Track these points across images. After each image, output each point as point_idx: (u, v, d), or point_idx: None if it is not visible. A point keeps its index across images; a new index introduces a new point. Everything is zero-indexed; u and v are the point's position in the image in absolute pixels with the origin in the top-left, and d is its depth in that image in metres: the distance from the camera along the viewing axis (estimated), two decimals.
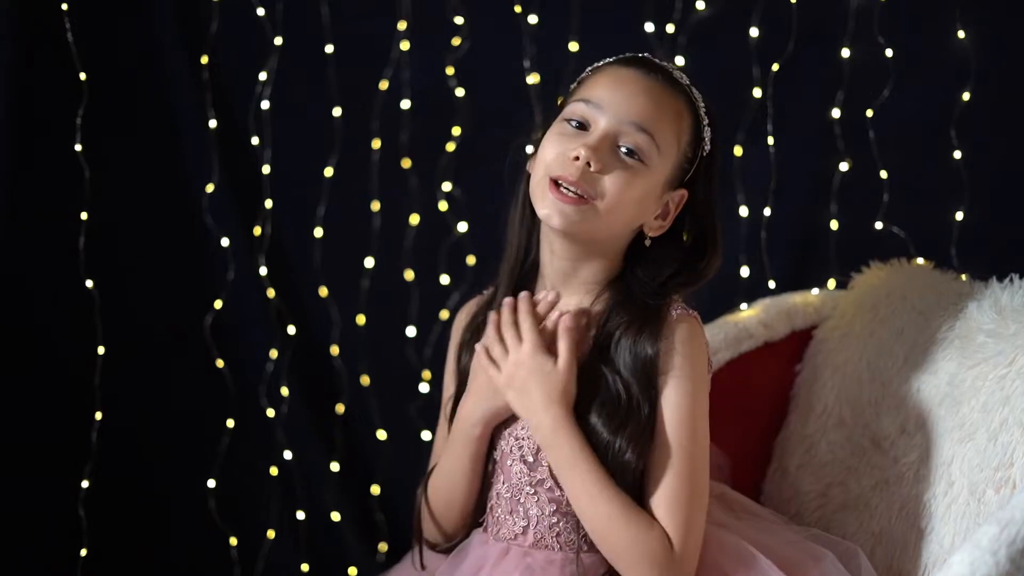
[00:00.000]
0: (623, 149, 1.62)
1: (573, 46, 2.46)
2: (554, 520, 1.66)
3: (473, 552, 1.70)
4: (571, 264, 1.69)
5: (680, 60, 2.42)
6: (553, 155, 1.63)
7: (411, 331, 2.59)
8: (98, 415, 2.30)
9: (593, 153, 1.60)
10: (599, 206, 1.62)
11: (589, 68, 1.71)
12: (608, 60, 1.70)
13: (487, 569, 1.66)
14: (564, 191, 1.61)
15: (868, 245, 2.23)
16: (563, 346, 1.64)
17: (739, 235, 2.46)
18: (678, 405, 1.61)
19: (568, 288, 1.70)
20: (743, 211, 2.46)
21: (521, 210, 1.73)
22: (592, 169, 1.61)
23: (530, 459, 1.67)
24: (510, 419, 1.69)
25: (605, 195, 1.61)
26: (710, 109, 1.69)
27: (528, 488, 1.67)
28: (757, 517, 1.80)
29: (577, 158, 1.61)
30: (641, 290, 1.66)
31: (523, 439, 1.68)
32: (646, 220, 1.67)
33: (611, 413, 1.61)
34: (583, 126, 1.64)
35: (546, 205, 1.63)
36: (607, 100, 1.63)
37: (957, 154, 2.33)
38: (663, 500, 1.59)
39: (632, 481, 1.61)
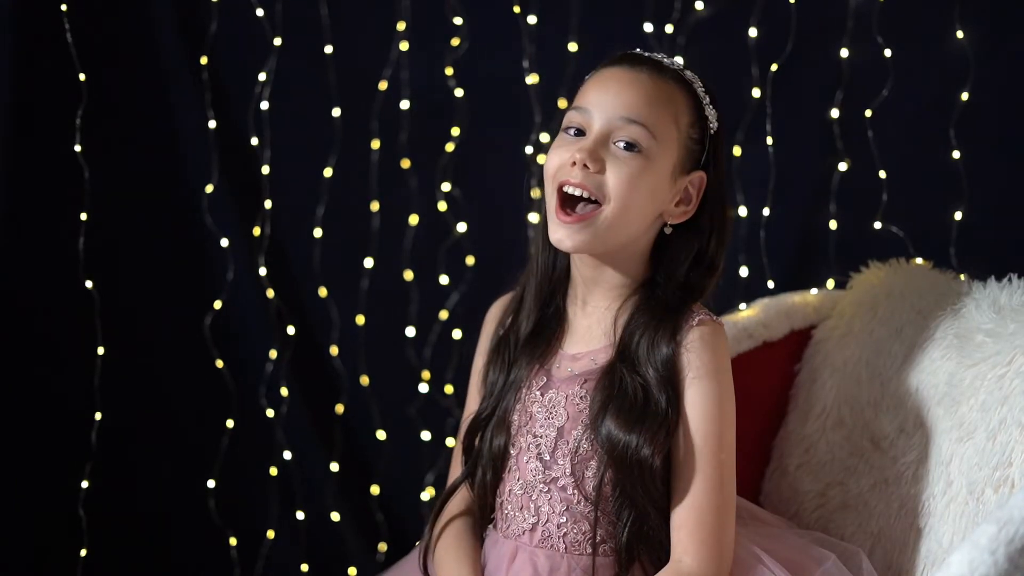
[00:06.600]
0: (620, 144, 1.63)
1: (572, 46, 2.47)
2: (563, 520, 1.65)
3: (488, 555, 1.70)
4: (596, 270, 1.70)
5: (679, 60, 2.41)
6: (556, 164, 1.66)
7: (410, 331, 2.59)
8: (98, 415, 2.30)
9: (588, 154, 1.62)
10: (606, 211, 1.63)
11: (587, 76, 1.72)
12: (602, 63, 1.71)
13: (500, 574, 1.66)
14: (568, 212, 1.63)
15: (867, 245, 2.23)
16: None
17: (738, 235, 2.46)
18: (703, 409, 1.62)
19: (596, 292, 1.71)
20: (742, 211, 2.46)
21: (545, 224, 1.73)
22: (592, 170, 1.62)
23: (546, 457, 1.67)
24: (529, 417, 1.69)
25: (611, 196, 1.62)
26: (709, 88, 1.70)
27: (542, 486, 1.67)
28: (761, 522, 1.81)
29: (575, 163, 1.62)
30: (663, 291, 1.67)
31: (540, 436, 1.68)
32: (665, 209, 1.67)
33: (627, 413, 1.61)
34: (580, 132, 1.66)
35: (555, 230, 1.65)
36: (596, 102, 1.66)
37: (956, 154, 2.33)
38: (690, 512, 1.60)
39: (651, 477, 1.61)
